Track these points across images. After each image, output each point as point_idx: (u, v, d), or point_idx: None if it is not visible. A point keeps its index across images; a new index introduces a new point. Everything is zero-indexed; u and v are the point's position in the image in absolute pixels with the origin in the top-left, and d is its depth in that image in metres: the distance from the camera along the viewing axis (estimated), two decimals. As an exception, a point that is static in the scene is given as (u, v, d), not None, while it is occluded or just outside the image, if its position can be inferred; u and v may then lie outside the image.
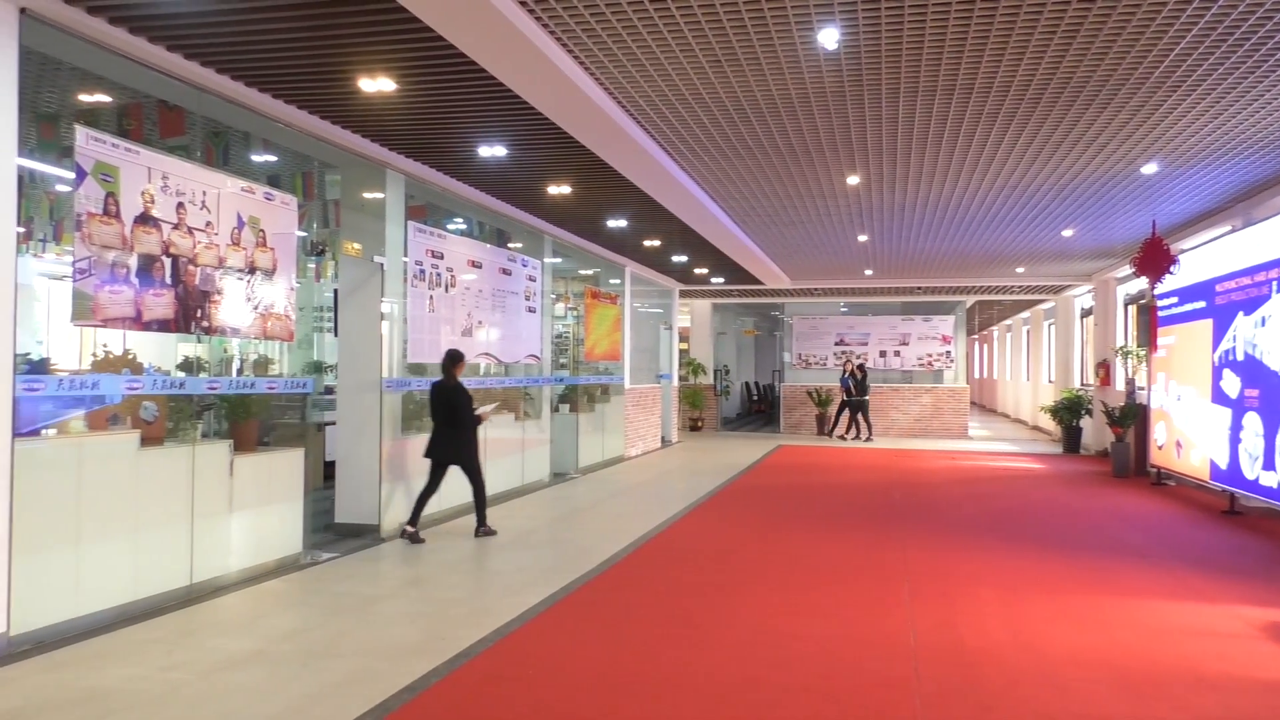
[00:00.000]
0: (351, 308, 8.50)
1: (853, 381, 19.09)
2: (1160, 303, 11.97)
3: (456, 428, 8.05)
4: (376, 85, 6.15)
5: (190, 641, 5.01)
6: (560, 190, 9.57)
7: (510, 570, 6.96)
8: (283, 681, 4.39)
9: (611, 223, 11.63)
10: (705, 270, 16.91)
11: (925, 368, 21.01)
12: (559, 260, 13.16)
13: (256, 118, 6.65)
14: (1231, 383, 9.62)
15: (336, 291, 9.73)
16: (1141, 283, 13.10)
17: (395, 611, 5.70)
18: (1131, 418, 13.42)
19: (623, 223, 11.62)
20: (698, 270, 16.86)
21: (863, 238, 13.09)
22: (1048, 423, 19.55)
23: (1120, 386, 15.08)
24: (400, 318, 8.64)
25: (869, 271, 17.31)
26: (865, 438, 19.24)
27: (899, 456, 16.12)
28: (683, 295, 20.76)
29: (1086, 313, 18.66)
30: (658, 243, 13.37)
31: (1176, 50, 5.57)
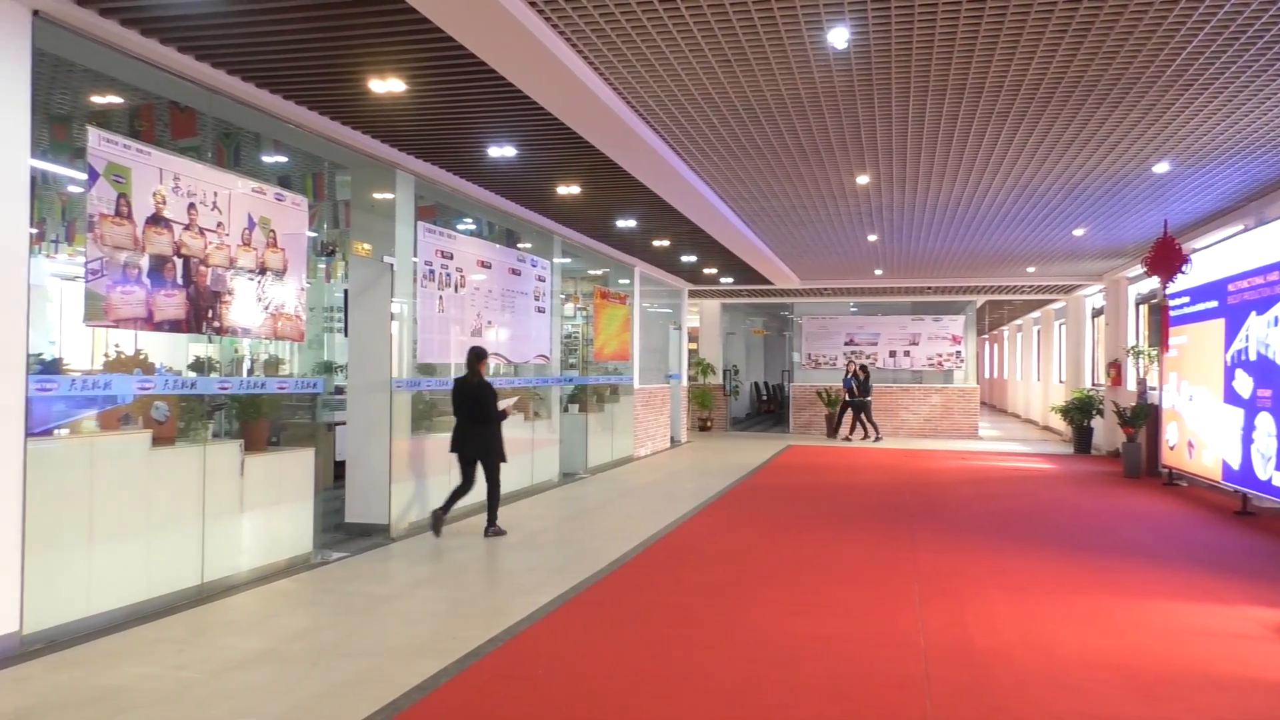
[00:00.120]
0: (361, 308, 8.53)
1: (855, 382, 19.05)
2: (1172, 302, 11.90)
3: (483, 423, 8.13)
4: (387, 86, 6.17)
5: (201, 640, 5.03)
6: (570, 190, 9.58)
7: (520, 570, 6.97)
8: (293, 680, 4.41)
9: (621, 223, 11.63)
10: (714, 270, 16.90)
11: (935, 368, 20.95)
12: (568, 260, 13.18)
13: (267, 119, 6.68)
14: (1244, 383, 9.57)
15: (346, 292, 9.77)
16: (1153, 282, 13.04)
17: (405, 611, 5.71)
18: (1143, 418, 13.36)
19: (632, 223, 11.62)
20: (707, 270, 16.86)
21: (872, 237, 13.07)
22: (1058, 423, 19.47)
23: (1132, 386, 15.00)
24: (410, 318, 8.67)
25: (879, 271, 17.27)
26: (875, 438, 19.14)
27: (909, 457, 16.09)
28: (692, 295, 20.74)
29: (1098, 312, 18.58)
30: (667, 243, 13.37)
31: (1189, 49, 5.54)
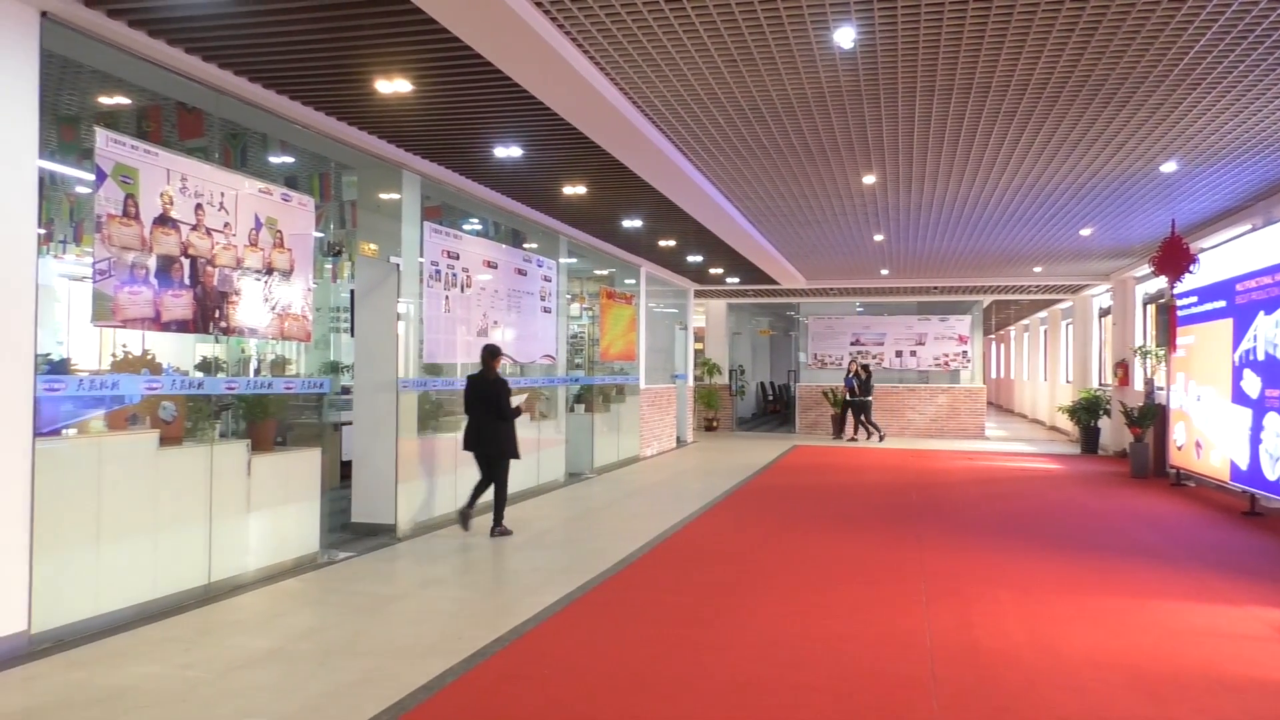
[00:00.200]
0: (368, 308, 8.54)
1: (856, 381, 19.03)
2: (1179, 302, 11.87)
3: (500, 419, 8.22)
4: (393, 87, 6.18)
5: (208, 640, 5.05)
6: (576, 191, 9.58)
7: (526, 570, 6.97)
8: (300, 680, 4.42)
9: (627, 223, 11.63)
10: (720, 270, 16.89)
11: (942, 368, 20.91)
12: (574, 260, 13.18)
13: (274, 119, 6.70)
14: (1252, 383, 9.53)
15: (353, 292, 9.78)
16: (1160, 282, 13.01)
17: (412, 611, 5.72)
18: (1150, 418, 13.32)
19: (638, 223, 11.62)
20: (713, 270, 16.84)
21: (879, 237, 13.05)
22: (1065, 423, 19.42)
23: (1139, 387, 14.96)
24: (416, 318, 8.68)
25: (885, 271, 17.25)
26: (878, 438, 19.08)
27: (915, 457, 16.06)
28: (698, 295, 20.74)
29: (1105, 312, 18.53)
30: (673, 243, 13.37)
31: (1196, 47, 5.52)
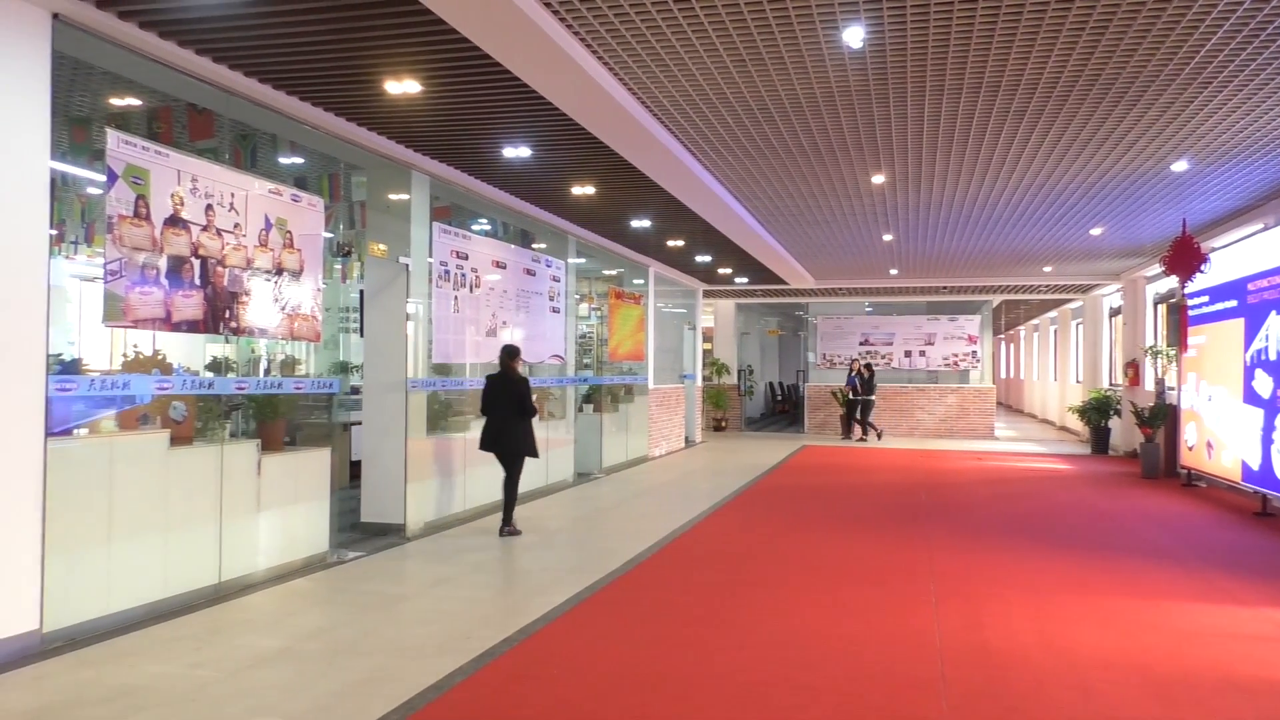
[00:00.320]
0: (377, 308, 8.56)
1: (859, 380, 19.03)
2: (1190, 302, 11.81)
3: (523, 417, 8.31)
4: (402, 87, 6.19)
5: (219, 639, 5.07)
6: (584, 191, 9.59)
7: (535, 570, 6.98)
8: (309, 679, 4.43)
9: (635, 223, 11.63)
10: (729, 270, 16.88)
11: (951, 368, 20.86)
12: (583, 260, 13.19)
13: (284, 120, 6.72)
14: (1264, 383, 9.48)
15: (362, 292, 9.81)
16: (1171, 282, 12.93)
17: (421, 610, 5.73)
18: (1161, 418, 13.26)
19: (646, 223, 11.62)
20: (721, 270, 16.83)
21: (888, 237, 13.02)
22: (1075, 423, 19.34)
23: (1150, 387, 14.90)
24: (425, 318, 8.69)
25: (894, 271, 17.21)
26: (876, 437, 19.18)
27: (925, 457, 16.02)
28: (706, 295, 20.72)
29: (1115, 312, 18.45)
30: (681, 243, 13.36)
31: (1208, 46, 5.49)
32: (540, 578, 6.70)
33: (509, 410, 8.28)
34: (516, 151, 7.93)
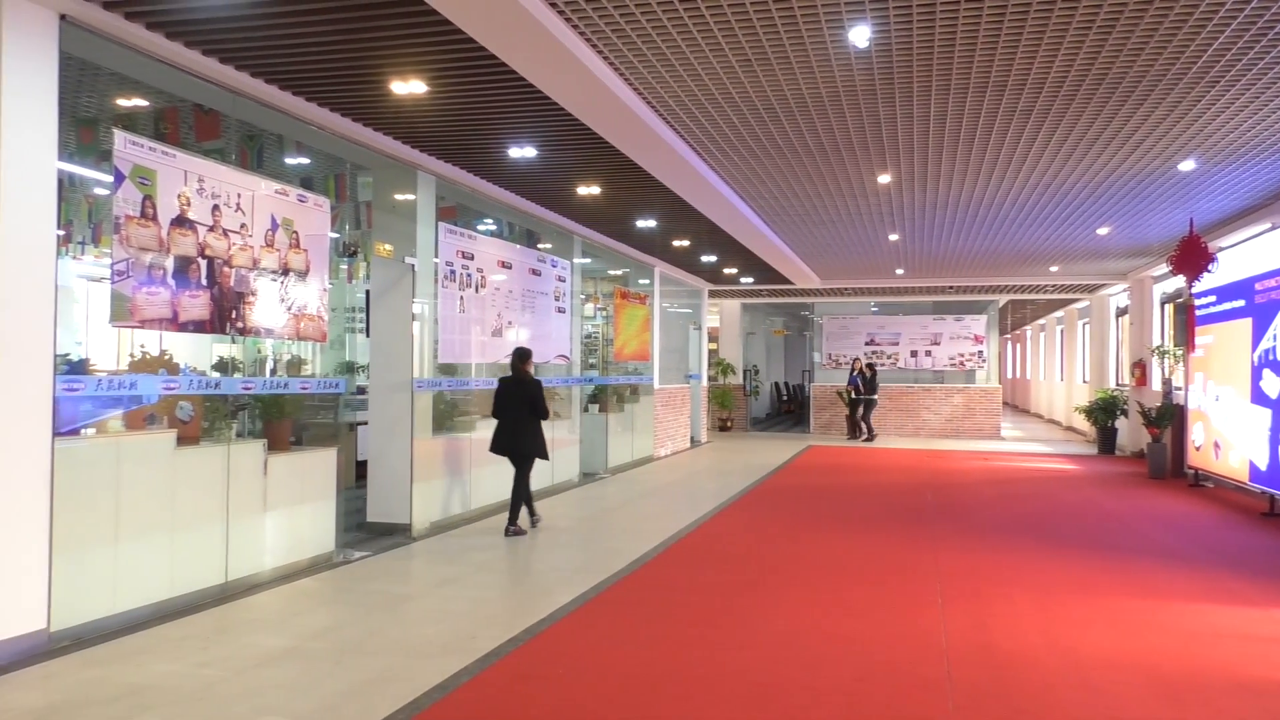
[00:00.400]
0: (383, 308, 8.57)
1: (861, 380, 19.04)
2: (1198, 301, 11.78)
3: (537, 419, 8.41)
4: (408, 88, 6.20)
5: (225, 638, 5.08)
6: (590, 191, 9.59)
7: (540, 569, 6.98)
8: (316, 679, 4.44)
9: (641, 223, 11.63)
10: (734, 270, 16.87)
11: (957, 368, 20.82)
12: (588, 260, 13.19)
13: (290, 121, 6.73)
14: (1272, 383, 9.45)
15: (368, 292, 9.82)
16: (1178, 281, 12.90)
17: (426, 610, 5.74)
18: (1168, 418, 13.22)
19: (652, 223, 11.62)
20: (727, 270, 16.82)
21: (894, 237, 13.00)
22: (1082, 423, 19.30)
23: (1157, 386, 14.86)
24: (431, 318, 8.71)
25: (900, 271, 17.19)
26: (867, 437, 19.26)
27: (931, 457, 16.00)
28: (712, 295, 20.71)
29: (1122, 312, 18.40)
30: (687, 243, 13.36)
31: (1216, 44, 5.47)
32: (546, 578, 6.71)
33: (521, 413, 8.32)
34: (522, 152, 7.94)
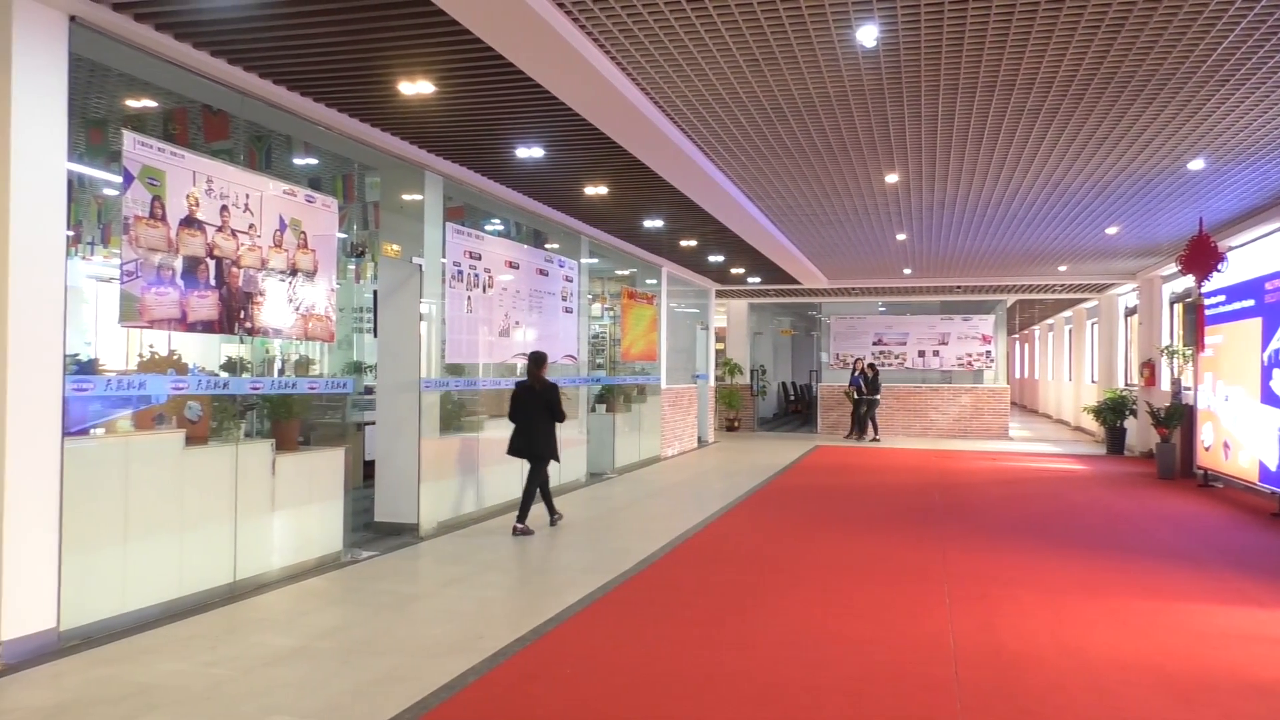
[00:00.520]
0: (390, 309, 8.59)
1: (863, 380, 19.04)
2: (1207, 301, 11.73)
3: (554, 422, 8.52)
4: (416, 88, 6.21)
5: (234, 638, 5.09)
6: (597, 191, 9.59)
7: (548, 569, 6.99)
8: (324, 678, 4.45)
9: (648, 223, 11.63)
10: (742, 270, 16.85)
11: (965, 368, 20.77)
12: (595, 261, 13.19)
13: (298, 121, 6.74)
14: (1282, 383, 9.41)
15: (376, 293, 9.83)
16: (1188, 281, 12.84)
17: (434, 610, 5.75)
18: (1177, 418, 13.17)
19: (659, 223, 11.61)
20: (734, 270, 16.81)
21: (901, 236, 12.98)
22: (1090, 423, 19.24)
23: (1166, 386, 14.80)
24: (438, 318, 8.72)
25: (908, 270, 17.15)
26: (857, 436, 19.42)
27: (938, 457, 15.96)
28: (719, 295, 20.70)
29: (1131, 311, 18.34)
30: (694, 243, 13.35)
31: (1225, 43, 5.45)
32: (553, 577, 6.71)
33: (538, 416, 8.42)
34: (529, 152, 7.95)
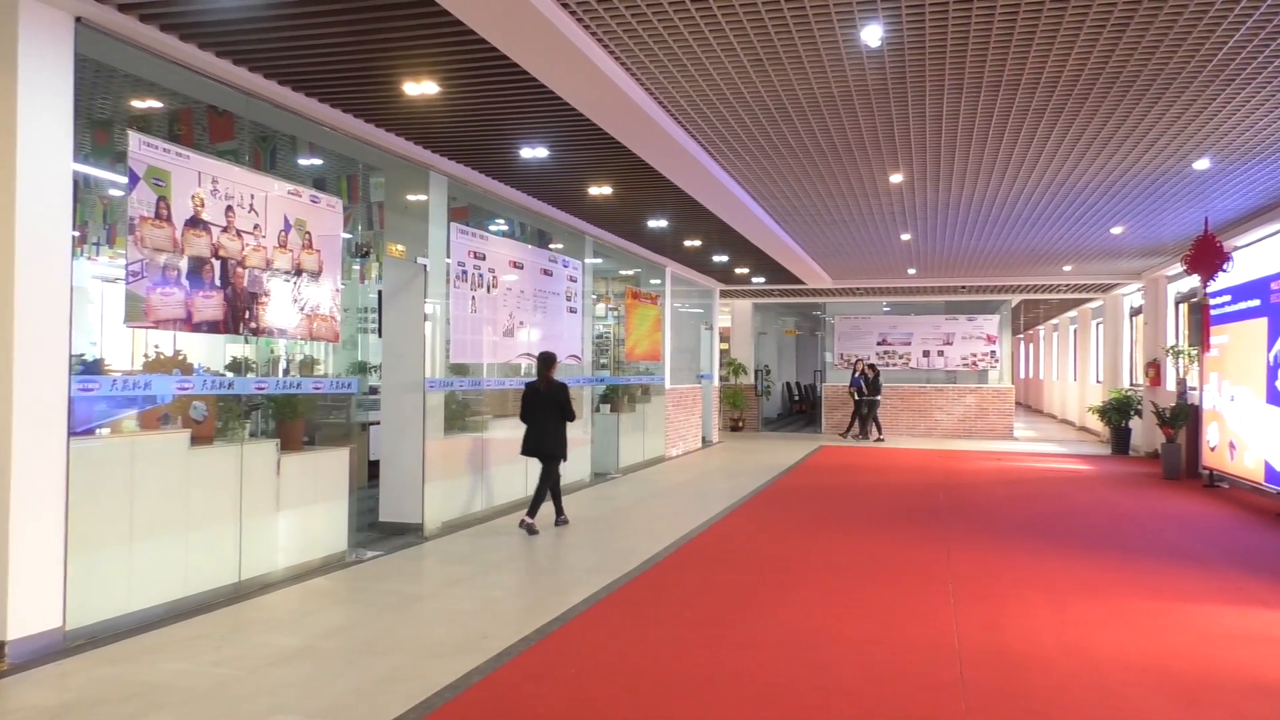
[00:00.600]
0: (395, 309, 8.60)
1: (864, 381, 19.05)
2: (1213, 301, 11.70)
3: (565, 422, 8.63)
4: (420, 88, 6.22)
5: (238, 637, 5.10)
6: (601, 191, 9.59)
7: (552, 569, 6.99)
8: (328, 678, 4.45)
9: (652, 223, 11.63)
10: (746, 270, 16.85)
11: (969, 368, 20.74)
12: (600, 261, 13.19)
13: (303, 122, 6.76)
14: (1288, 383, 9.39)
15: (380, 293, 9.85)
16: (1193, 281, 12.82)
17: (438, 610, 5.75)
18: (1183, 418, 13.14)
19: (663, 223, 11.61)
20: (738, 270, 16.81)
21: (905, 236, 12.96)
22: (1095, 424, 19.20)
23: (1171, 387, 14.77)
24: (443, 318, 8.73)
25: (912, 270, 17.13)
26: (850, 435, 19.50)
27: (943, 458, 15.94)
28: (723, 295, 20.69)
29: (1136, 311, 18.30)
30: (698, 243, 13.35)
31: (1231, 42, 5.44)
32: (558, 577, 6.71)
33: (549, 416, 8.51)
34: (534, 152, 7.95)
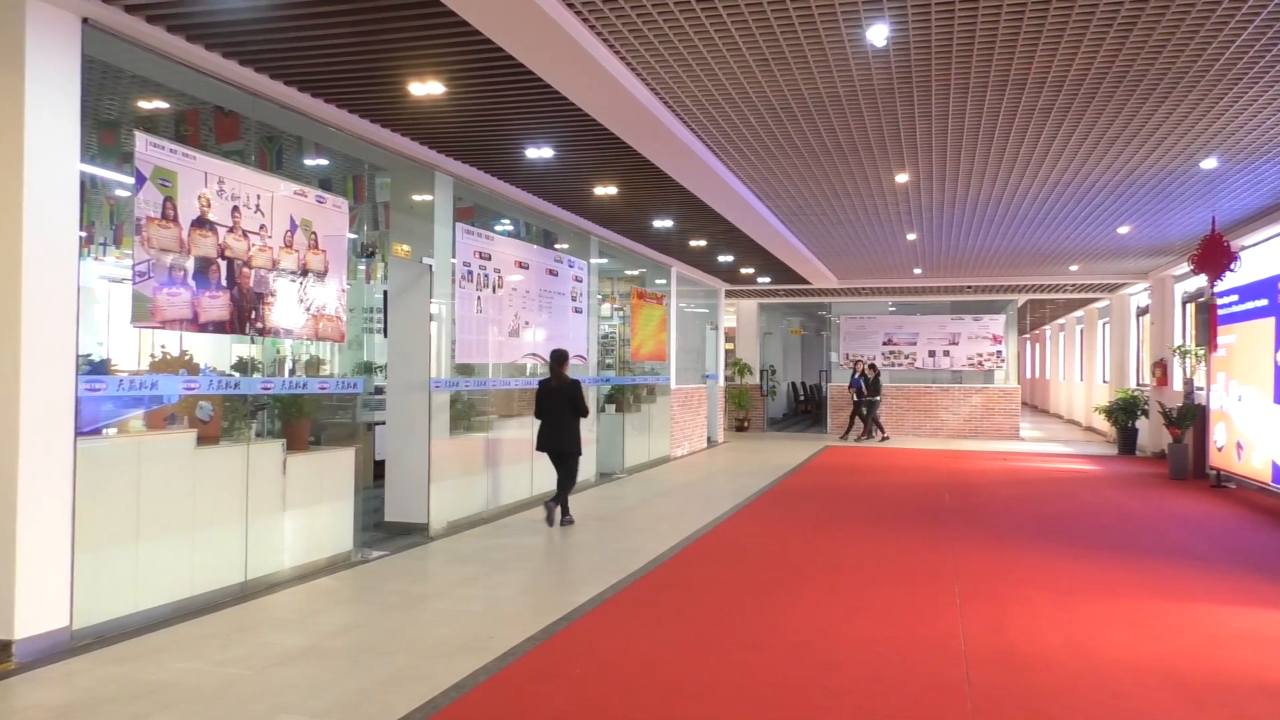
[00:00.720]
0: (401, 309, 8.61)
1: (864, 382, 19.05)
2: (1220, 301, 11.67)
3: (579, 418, 8.77)
4: (426, 89, 6.22)
5: (245, 637, 5.11)
6: (607, 191, 9.59)
7: (558, 569, 6.99)
8: (335, 677, 4.46)
9: (658, 223, 11.63)
10: (751, 270, 16.84)
11: (975, 368, 20.71)
12: (605, 261, 13.20)
13: (309, 122, 6.77)
14: (1295, 383, 9.35)
15: (386, 293, 9.85)
16: (1200, 280, 12.78)
17: (444, 609, 5.76)
18: (1190, 419, 13.10)
19: (669, 223, 11.61)
20: (744, 270, 16.80)
21: (911, 236, 12.94)
22: (1102, 424, 19.15)
23: (1178, 387, 14.72)
24: (448, 319, 8.74)
25: (918, 270, 17.11)
26: (847, 435, 19.54)
27: (949, 458, 15.92)
28: (729, 295, 20.68)
29: (1143, 311, 18.25)
30: (704, 243, 13.34)
31: (1238, 41, 5.42)
32: (563, 577, 6.71)
33: (563, 413, 8.64)
34: (539, 152, 7.95)
